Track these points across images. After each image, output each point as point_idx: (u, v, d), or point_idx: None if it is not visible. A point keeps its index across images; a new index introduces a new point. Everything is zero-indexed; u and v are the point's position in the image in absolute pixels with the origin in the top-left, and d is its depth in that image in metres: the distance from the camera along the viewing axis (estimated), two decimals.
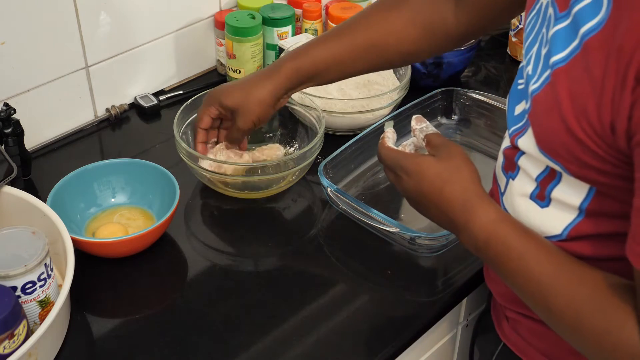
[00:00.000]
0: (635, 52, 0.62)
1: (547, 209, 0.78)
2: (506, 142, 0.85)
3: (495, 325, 0.98)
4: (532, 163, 0.79)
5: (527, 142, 0.78)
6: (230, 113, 1.08)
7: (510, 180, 0.84)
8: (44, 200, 1.00)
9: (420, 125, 0.93)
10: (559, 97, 0.70)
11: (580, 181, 0.73)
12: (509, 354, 0.94)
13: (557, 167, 0.74)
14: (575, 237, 0.77)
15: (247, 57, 1.35)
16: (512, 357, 0.93)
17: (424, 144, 0.91)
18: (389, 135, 0.94)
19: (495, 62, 1.53)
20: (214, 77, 1.45)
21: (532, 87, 0.76)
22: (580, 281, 0.73)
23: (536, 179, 0.78)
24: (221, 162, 1.10)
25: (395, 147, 0.92)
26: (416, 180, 0.86)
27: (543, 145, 0.75)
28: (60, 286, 0.93)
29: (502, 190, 0.86)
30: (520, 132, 0.79)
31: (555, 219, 0.78)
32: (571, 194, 0.75)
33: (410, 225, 1.05)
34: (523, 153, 0.80)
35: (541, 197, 0.79)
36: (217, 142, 1.14)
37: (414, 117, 0.94)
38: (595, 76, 0.66)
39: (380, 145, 0.93)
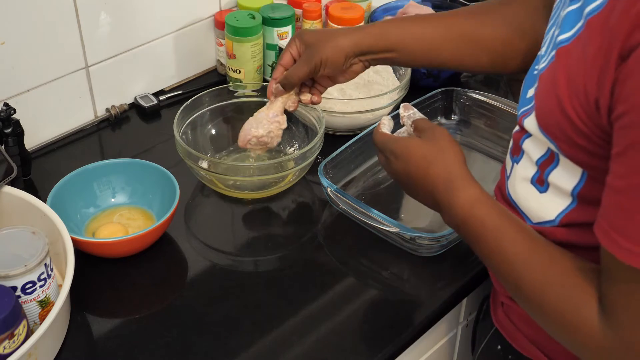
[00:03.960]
0: (621, 32, 0.63)
1: (544, 194, 0.80)
2: (516, 127, 0.87)
3: (491, 311, 0.99)
4: (535, 145, 0.80)
5: (531, 122, 0.80)
6: (304, 49, 1.03)
7: (515, 164, 0.86)
8: (44, 200, 1.00)
9: (407, 112, 0.97)
10: (557, 75, 0.73)
11: (575, 166, 0.75)
12: (500, 339, 0.96)
13: (553, 147, 0.76)
14: (566, 223, 0.79)
15: (247, 57, 1.35)
16: (502, 342, 0.95)
17: (412, 129, 0.95)
18: (385, 122, 0.98)
19: None
20: (214, 77, 1.45)
21: (540, 67, 0.78)
22: (550, 262, 0.76)
23: (537, 162, 0.80)
24: (216, 161, 1.10)
25: (388, 133, 0.96)
26: (403, 162, 0.90)
27: (541, 122, 0.77)
28: (60, 286, 0.93)
29: (508, 174, 0.88)
30: (527, 113, 0.81)
31: (550, 204, 0.80)
32: (566, 178, 0.77)
33: (410, 225, 1.05)
34: (528, 136, 0.82)
35: (540, 181, 0.80)
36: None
37: (401, 105, 0.98)
38: (588, 55, 0.68)
39: (374, 130, 0.97)
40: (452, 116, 1.31)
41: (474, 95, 1.29)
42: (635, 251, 0.65)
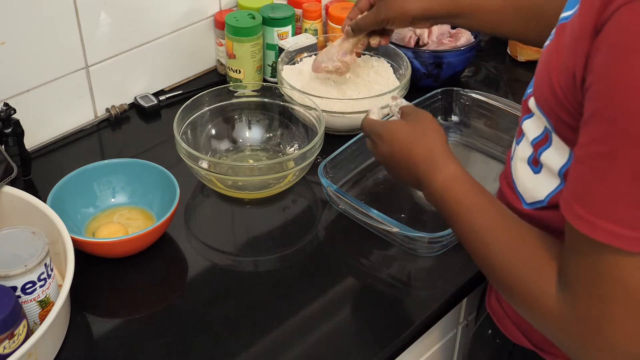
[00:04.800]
0: (596, 5, 0.64)
1: (538, 175, 0.82)
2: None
3: (486, 296, 1.00)
4: (533, 125, 0.82)
5: (532, 100, 0.81)
6: (378, 1, 1.14)
7: (517, 145, 0.87)
8: (44, 200, 1.00)
9: (395, 102, 1.03)
10: (552, 52, 0.74)
11: (565, 145, 0.76)
12: (491, 323, 0.97)
13: (547, 125, 0.77)
14: (553, 204, 0.80)
15: (247, 57, 1.35)
16: (493, 326, 0.96)
17: (399, 116, 1.00)
18: (374, 110, 1.04)
19: (495, 62, 1.53)
20: (214, 77, 1.45)
21: (544, 44, 0.80)
22: (517, 236, 0.78)
23: (532, 142, 0.82)
24: (216, 161, 1.10)
25: (376, 119, 1.01)
26: (388, 144, 0.95)
27: (537, 98, 0.78)
28: (60, 286, 0.93)
29: (512, 156, 0.89)
30: (531, 93, 0.82)
31: (542, 184, 0.81)
32: (556, 158, 0.78)
33: (410, 225, 1.05)
34: (529, 116, 0.83)
35: (535, 162, 0.82)
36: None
37: (391, 96, 1.04)
38: (575, 31, 0.69)
39: (364, 117, 1.02)
40: (452, 116, 1.31)
41: (474, 95, 1.29)
42: (590, 220, 0.66)
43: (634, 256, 0.65)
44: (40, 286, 0.88)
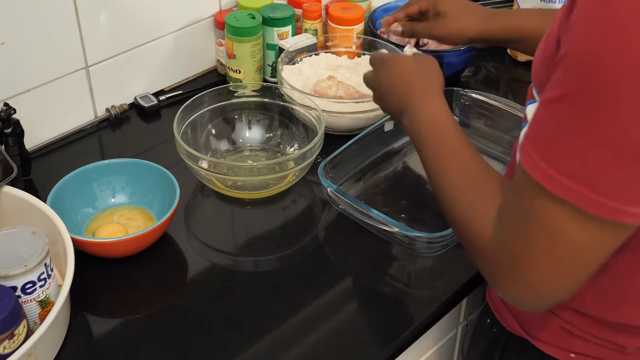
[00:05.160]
0: None
1: None
2: None
3: (487, 286, 1.01)
4: (534, 109, 0.82)
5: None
6: (434, 14, 1.17)
7: (521, 131, 0.88)
8: (44, 200, 1.00)
9: (410, 49, 1.11)
10: (547, 32, 0.75)
11: None
12: (489, 313, 0.98)
13: None
14: None
15: (247, 57, 1.35)
16: (491, 316, 0.97)
17: None
18: (386, 51, 1.09)
19: (495, 62, 1.53)
20: (214, 77, 1.45)
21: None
22: (477, 172, 0.81)
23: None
24: (216, 161, 1.09)
25: None
26: (389, 70, 0.99)
27: (533, 79, 0.79)
28: (60, 286, 0.93)
29: (518, 144, 0.89)
30: None
31: None
32: None
33: (410, 225, 1.05)
34: (532, 102, 0.83)
35: None
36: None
37: (407, 46, 1.10)
38: (564, 8, 0.70)
39: (374, 52, 1.06)
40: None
41: (474, 95, 1.29)
42: (534, 158, 0.67)
43: (561, 202, 0.66)
44: (40, 286, 0.88)
